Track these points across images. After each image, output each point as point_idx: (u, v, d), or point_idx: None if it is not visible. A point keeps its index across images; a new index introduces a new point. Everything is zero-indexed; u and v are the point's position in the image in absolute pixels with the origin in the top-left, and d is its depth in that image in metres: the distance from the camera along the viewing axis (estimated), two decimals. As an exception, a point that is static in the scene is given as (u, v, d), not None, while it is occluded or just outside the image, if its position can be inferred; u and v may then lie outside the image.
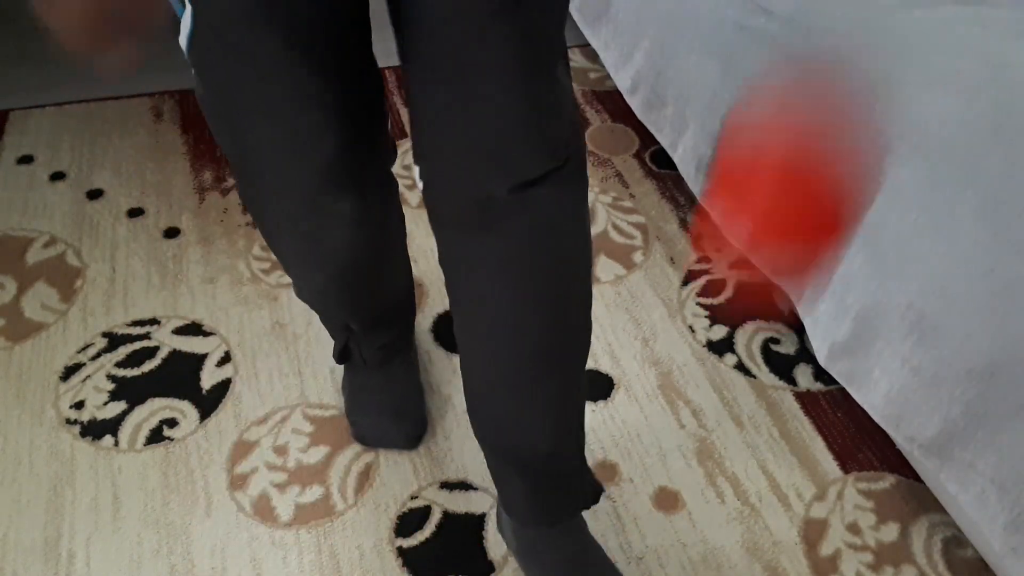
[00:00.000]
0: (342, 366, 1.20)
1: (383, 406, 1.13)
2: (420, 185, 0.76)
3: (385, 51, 0.83)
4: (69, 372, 1.23)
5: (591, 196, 1.54)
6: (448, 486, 1.10)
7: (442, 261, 0.80)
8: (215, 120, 0.81)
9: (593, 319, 1.31)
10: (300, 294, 1.03)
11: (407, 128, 1.66)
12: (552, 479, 0.90)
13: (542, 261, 0.75)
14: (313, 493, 1.09)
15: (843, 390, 1.21)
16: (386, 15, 0.74)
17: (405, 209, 1.50)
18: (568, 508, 0.93)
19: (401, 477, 1.11)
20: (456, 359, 1.25)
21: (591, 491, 0.95)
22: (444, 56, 0.68)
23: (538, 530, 0.93)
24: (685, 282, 1.38)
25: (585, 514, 1.02)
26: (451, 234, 0.77)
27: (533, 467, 0.88)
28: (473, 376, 0.86)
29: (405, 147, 1.63)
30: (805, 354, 1.27)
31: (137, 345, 1.27)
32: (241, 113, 0.78)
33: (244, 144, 0.81)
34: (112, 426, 1.16)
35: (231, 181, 1.55)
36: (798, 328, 1.31)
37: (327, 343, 1.25)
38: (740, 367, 1.25)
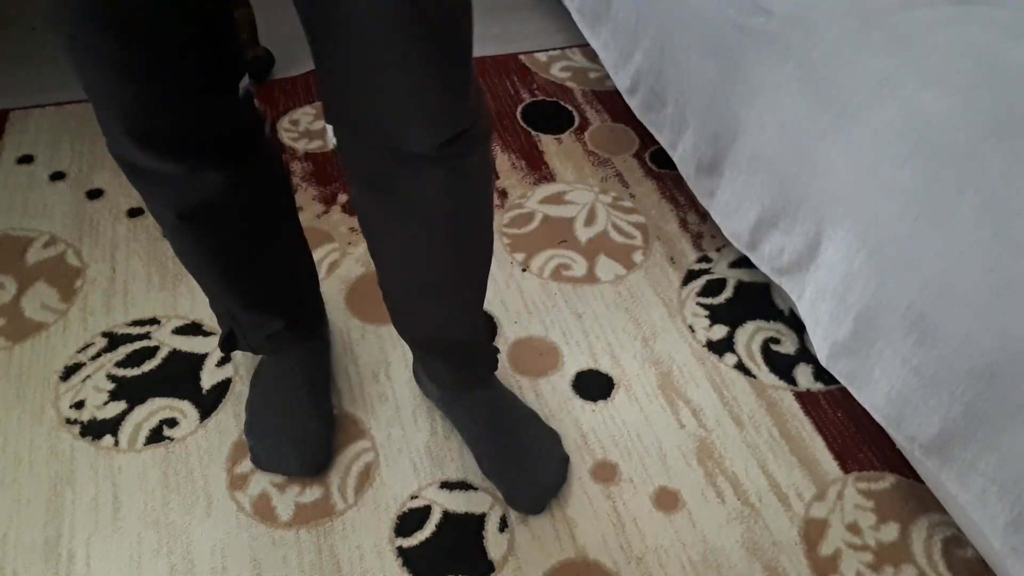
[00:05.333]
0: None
1: (282, 431, 1.10)
2: (333, 142, 0.83)
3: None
4: (69, 372, 1.23)
5: (591, 196, 1.54)
6: (448, 486, 1.10)
7: (357, 206, 0.91)
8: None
9: (593, 319, 1.31)
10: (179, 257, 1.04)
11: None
12: (466, 357, 1.09)
13: (454, 207, 0.86)
14: (313, 493, 1.09)
15: (843, 390, 1.21)
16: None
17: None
18: (480, 374, 1.13)
19: (401, 477, 1.11)
20: (456, 359, 1.26)
21: (495, 358, 1.15)
22: (358, 49, 0.73)
23: (459, 392, 1.12)
24: (685, 282, 1.38)
25: (585, 514, 1.05)
26: (367, 187, 0.86)
27: (449, 350, 1.06)
28: (391, 289, 1.00)
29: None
30: (805, 354, 1.27)
31: (137, 345, 1.27)
32: (68, 51, 0.79)
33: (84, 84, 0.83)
34: (112, 426, 1.16)
35: (231, 181, 1.55)
36: (798, 328, 1.31)
37: (327, 343, 1.25)
38: (740, 367, 1.25)
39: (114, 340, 1.27)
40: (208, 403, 1.19)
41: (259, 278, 1.05)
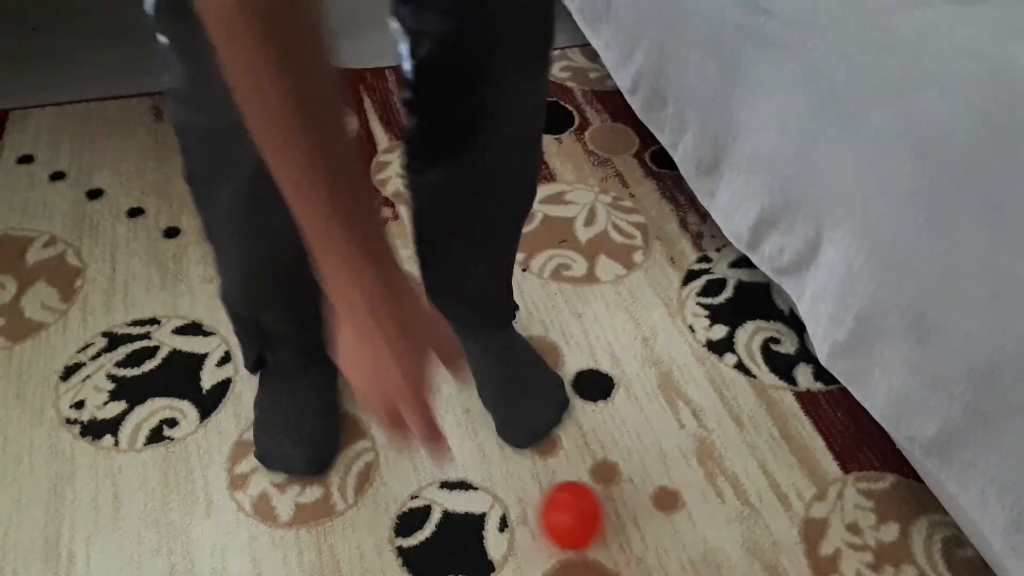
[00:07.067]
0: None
1: (288, 428, 1.10)
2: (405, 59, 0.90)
3: (379, 52, 0.83)
4: (69, 372, 1.23)
5: (591, 196, 1.54)
6: (448, 486, 1.10)
7: (417, 190, 1.04)
8: (182, 88, 0.82)
9: (593, 319, 1.31)
10: (226, 290, 1.07)
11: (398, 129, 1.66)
12: (492, 304, 1.20)
13: (536, 120, 1.00)
14: (313, 493, 1.09)
15: (843, 390, 1.21)
16: (376, 15, 0.74)
17: (405, 209, 1.50)
18: (500, 321, 1.22)
19: (401, 477, 1.11)
20: (456, 359, 1.26)
21: (513, 310, 1.25)
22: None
23: (479, 335, 1.19)
24: (685, 282, 1.38)
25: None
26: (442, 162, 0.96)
27: (480, 299, 1.17)
28: (436, 234, 1.08)
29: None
30: (805, 354, 1.27)
31: (137, 345, 1.27)
32: (201, 91, 0.78)
33: (202, 126, 0.84)
34: (112, 426, 1.16)
35: (231, 181, 1.55)
36: (798, 328, 1.31)
37: (327, 343, 1.25)
38: (740, 367, 1.25)
39: (114, 340, 1.27)
40: (208, 403, 1.19)
41: (314, 291, 1.08)
